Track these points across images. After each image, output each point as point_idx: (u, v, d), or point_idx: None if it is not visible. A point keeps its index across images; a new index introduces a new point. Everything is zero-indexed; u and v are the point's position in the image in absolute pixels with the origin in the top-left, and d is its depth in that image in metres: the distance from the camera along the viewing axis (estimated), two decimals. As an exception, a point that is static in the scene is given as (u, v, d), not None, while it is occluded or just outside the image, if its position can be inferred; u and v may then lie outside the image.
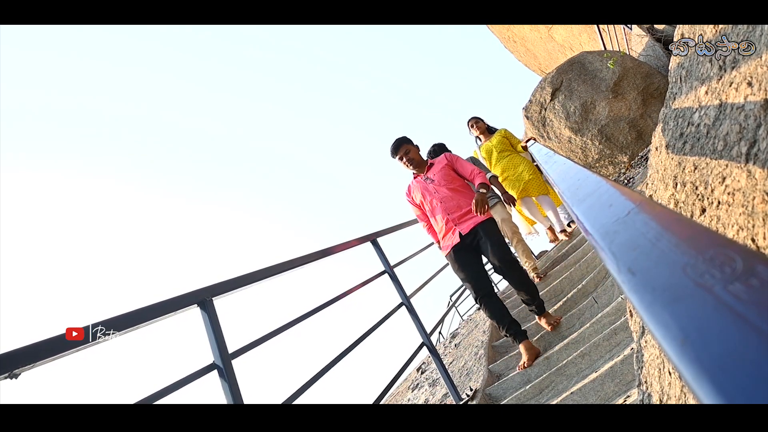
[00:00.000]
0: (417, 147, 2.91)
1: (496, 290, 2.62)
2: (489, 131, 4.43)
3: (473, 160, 4.01)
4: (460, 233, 2.64)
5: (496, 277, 7.20)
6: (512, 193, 4.23)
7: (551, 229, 4.57)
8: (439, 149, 3.97)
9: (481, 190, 2.64)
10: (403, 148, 2.84)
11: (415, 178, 2.90)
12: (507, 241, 6.91)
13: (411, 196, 2.93)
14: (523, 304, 3.36)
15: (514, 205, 3.70)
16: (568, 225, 4.42)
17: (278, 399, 1.82)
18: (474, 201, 2.60)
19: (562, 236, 4.29)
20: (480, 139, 4.50)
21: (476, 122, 4.45)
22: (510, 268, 2.59)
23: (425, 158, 3.18)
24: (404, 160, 2.83)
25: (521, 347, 2.52)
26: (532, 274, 3.74)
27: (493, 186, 3.75)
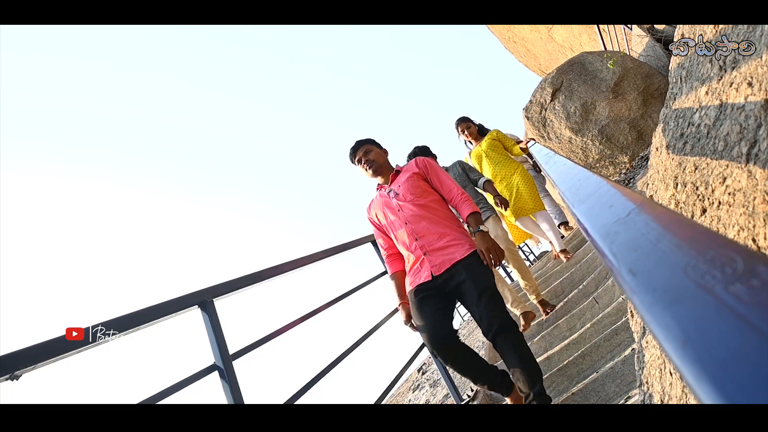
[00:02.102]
0: (384, 150, 2.23)
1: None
2: (481, 133, 3.87)
3: (465, 167, 3.33)
4: (432, 272, 1.88)
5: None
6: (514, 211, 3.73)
7: (566, 251, 3.93)
8: (420, 153, 3.19)
9: (481, 229, 1.88)
10: (363, 148, 2.16)
11: (378, 189, 2.17)
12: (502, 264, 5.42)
13: (371, 213, 2.19)
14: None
15: (506, 208, 3.16)
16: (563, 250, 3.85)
17: (279, 400, 1.82)
18: (480, 251, 1.84)
19: (562, 257, 3.82)
20: (470, 144, 3.93)
21: (467, 126, 3.82)
22: (505, 331, 1.74)
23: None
24: (362, 162, 2.13)
25: (509, 400, 1.90)
26: (535, 302, 3.18)
27: (486, 190, 3.21)
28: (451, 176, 3.04)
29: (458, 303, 1.96)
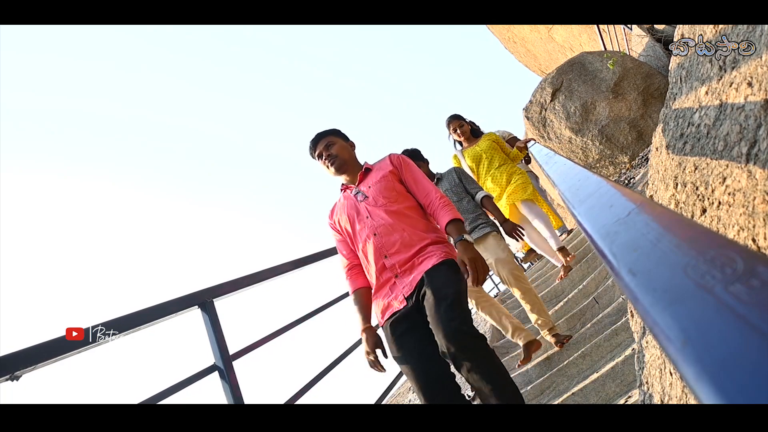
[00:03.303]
0: (350, 143, 1.83)
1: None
2: (474, 134, 3.48)
3: (462, 176, 2.82)
4: (404, 295, 1.52)
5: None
6: (504, 210, 3.28)
7: (561, 251, 3.36)
8: (410, 157, 2.79)
9: (463, 238, 1.50)
10: (324, 141, 1.75)
11: (343, 190, 1.78)
12: (497, 288, 4.98)
13: (333, 218, 1.77)
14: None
15: (521, 237, 2.61)
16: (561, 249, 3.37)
17: (279, 400, 1.82)
18: (463, 261, 1.46)
19: (561, 257, 3.35)
20: (461, 144, 3.51)
21: (459, 124, 3.39)
22: (470, 348, 1.32)
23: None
24: (323, 158, 1.74)
25: None
26: (548, 337, 2.44)
27: (485, 208, 2.73)
28: (445, 186, 2.75)
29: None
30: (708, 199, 0.71)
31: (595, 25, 5.54)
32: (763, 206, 0.55)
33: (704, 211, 0.72)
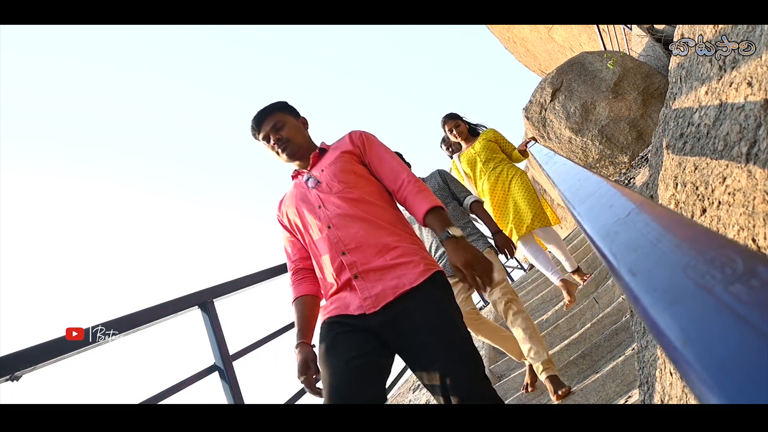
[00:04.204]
0: (301, 120, 1.48)
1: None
2: (472, 134, 3.07)
3: (447, 178, 2.46)
4: (364, 306, 1.18)
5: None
6: (502, 225, 2.84)
7: (567, 281, 2.79)
8: None
9: (450, 233, 1.16)
10: (270, 120, 1.40)
11: (294, 177, 1.45)
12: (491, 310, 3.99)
13: (281, 210, 1.45)
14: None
15: (513, 253, 2.28)
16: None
17: (279, 400, 1.82)
18: (456, 268, 1.12)
19: (577, 279, 2.88)
20: (459, 147, 3.12)
21: (455, 124, 2.98)
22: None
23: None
24: (271, 142, 1.40)
25: None
26: (541, 376, 2.01)
27: (475, 216, 2.38)
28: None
29: (401, 359, 1.21)
30: (708, 198, 0.71)
31: (595, 25, 5.54)
32: (763, 206, 0.55)
33: (704, 211, 0.72)
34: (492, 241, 2.34)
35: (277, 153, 1.41)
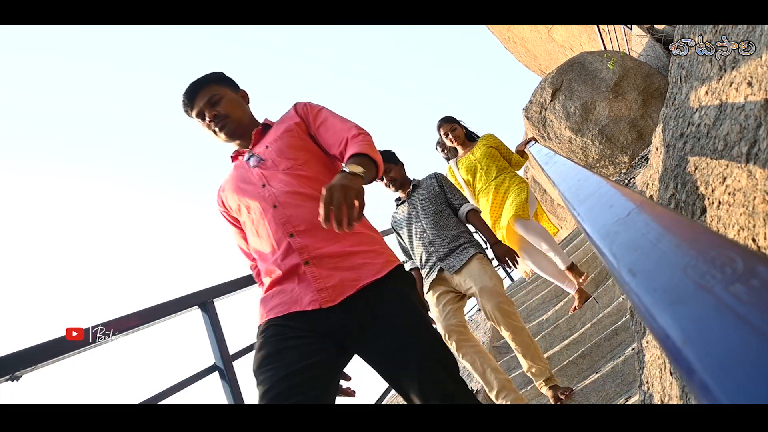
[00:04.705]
0: (240, 93, 1.30)
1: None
2: (469, 138, 2.92)
3: (443, 184, 2.30)
4: (320, 299, 1.02)
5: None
6: (502, 237, 2.65)
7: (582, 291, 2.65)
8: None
9: (347, 169, 0.97)
10: (205, 93, 1.21)
11: (234, 159, 1.28)
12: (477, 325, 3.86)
13: (221, 200, 1.26)
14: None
15: (515, 264, 2.13)
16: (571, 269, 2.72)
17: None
18: (329, 189, 0.90)
19: (571, 277, 2.67)
20: (456, 152, 2.96)
21: (451, 128, 2.85)
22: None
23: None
24: (206, 119, 1.21)
25: None
26: (543, 389, 1.99)
27: (471, 224, 2.24)
28: (422, 194, 2.23)
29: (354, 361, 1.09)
30: (708, 198, 0.71)
31: (595, 25, 5.54)
32: (763, 206, 0.55)
33: (704, 210, 0.72)
34: (490, 253, 2.23)
35: (215, 132, 1.22)
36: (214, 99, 1.21)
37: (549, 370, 1.99)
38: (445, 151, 3.03)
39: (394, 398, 3.59)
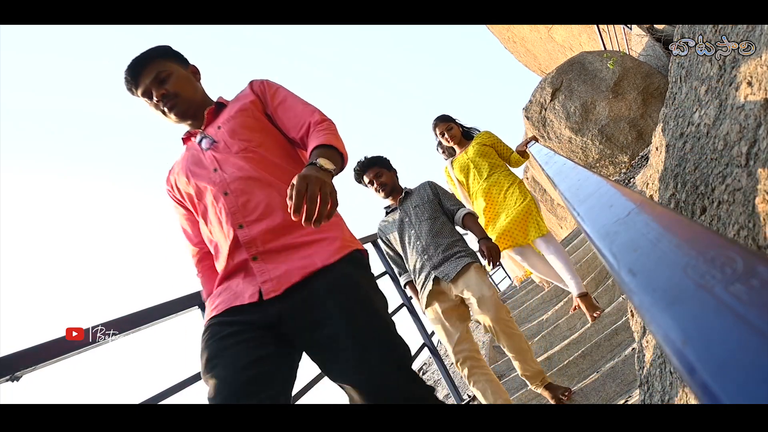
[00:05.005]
0: (191, 68, 1.20)
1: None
2: (466, 137, 2.79)
3: (438, 191, 2.23)
4: (260, 290, 0.94)
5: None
6: (496, 238, 2.52)
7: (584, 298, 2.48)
8: (367, 165, 2.17)
9: (316, 162, 0.90)
10: (151, 69, 1.10)
11: (186, 141, 1.19)
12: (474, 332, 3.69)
13: (170, 182, 1.18)
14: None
15: (497, 261, 2.08)
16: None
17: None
18: (295, 185, 0.82)
19: (583, 308, 2.46)
20: (453, 151, 2.82)
21: (447, 127, 2.72)
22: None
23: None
24: (154, 96, 1.09)
25: None
26: (539, 390, 2.01)
27: (466, 227, 2.16)
28: (415, 201, 2.15)
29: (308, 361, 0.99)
30: (708, 198, 0.71)
31: (595, 25, 5.54)
32: (763, 205, 0.55)
33: (704, 210, 0.72)
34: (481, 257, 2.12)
35: (163, 112, 1.12)
36: (162, 76, 1.10)
37: (542, 372, 1.99)
38: (445, 153, 2.93)
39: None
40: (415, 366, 5.01)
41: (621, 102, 4.05)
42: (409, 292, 2.26)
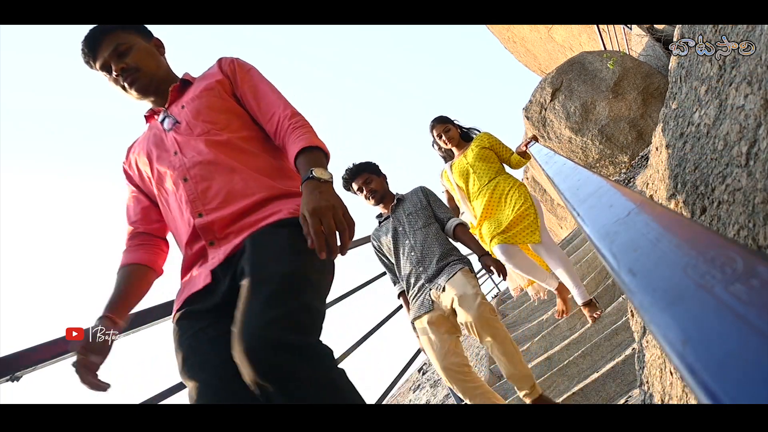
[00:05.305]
0: (154, 42, 1.14)
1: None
2: (465, 139, 2.67)
3: (429, 197, 2.17)
4: (212, 271, 0.92)
5: None
6: (490, 245, 2.45)
7: (563, 287, 2.52)
8: (355, 172, 2.11)
9: (313, 174, 0.86)
10: (109, 42, 1.03)
11: (148, 119, 1.14)
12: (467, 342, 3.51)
13: (128, 159, 1.13)
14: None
15: (504, 274, 1.97)
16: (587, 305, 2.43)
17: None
18: (303, 209, 0.81)
19: (586, 313, 2.41)
20: (452, 154, 2.70)
21: (445, 129, 2.61)
22: (278, 376, 0.72)
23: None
24: (113, 70, 1.03)
25: None
26: (527, 400, 1.86)
27: (459, 240, 2.08)
28: (408, 208, 2.08)
29: None
30: (708, 198, 0.71)
31: (595, 25, 5.54)
32: (763, 205, 0.55)
33: (704, 210, 0.72)
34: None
35: (123, 88, 1.05)
36: (122, 48, 1.03)
37: (532, 377, 1.85)
38: (442, 151, 2.79)
39: (394, 398, 3.60)
40: (416, 366, 5.01)
41: (621, 102, 4.05)
42: (401, 301, 2.17)
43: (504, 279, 2.07)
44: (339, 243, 0.79)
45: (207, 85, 1.06)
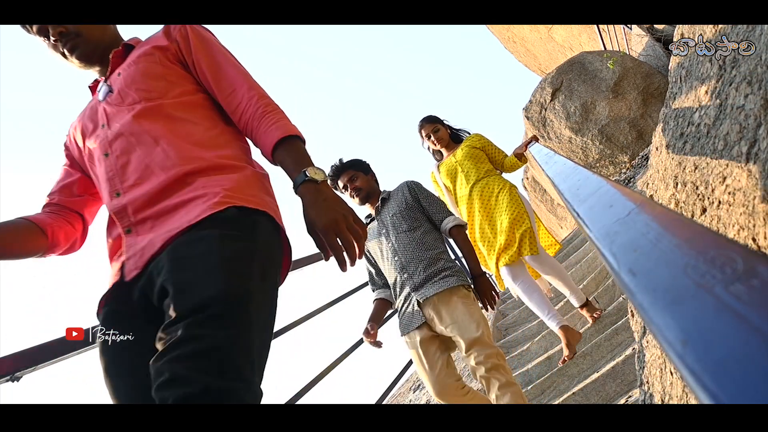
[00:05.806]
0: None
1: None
2: (455, 140, 2.57)
3: (418, 193, 1.93)
4: (124, 267, 0.80)
5: None
6: (489, 260, 2.36)
7: (568, 329, 2.25)
8: (341, 169, 1.94)
9: (308, 176, 0.81)
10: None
11: (93, 89, 1.03)
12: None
13: (70, 132, 1.01)
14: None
15: (494, 304, 1.81)
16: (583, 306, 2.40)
17: (280, 400, 1.83)
18: (313, 222, 0.77)
19: (586, 315, 2.39)
20: (441, 155, 2.59)
21: (434, 129, 2.50)
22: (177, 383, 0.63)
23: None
24: (50, 33, 0.91)
25: None
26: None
27: (455, 243, 1.92)
28: (393, 208, 1.89)
29: None
30: (708, 198, 0.71)
31: (595, 25, 5.54)
32: (763, 205, 0.55)
33: (704, 210, 0.72)
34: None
35: (63, 54, 0.95)
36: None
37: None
38: (435, 155, 2.67)
39: (395, 398, 3.59)
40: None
41: (621, 102, 4.05)
42: (373, 308, 1.95)
43: (492, 310, 1.89)
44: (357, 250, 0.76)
45: (145, 51, 0.95)
